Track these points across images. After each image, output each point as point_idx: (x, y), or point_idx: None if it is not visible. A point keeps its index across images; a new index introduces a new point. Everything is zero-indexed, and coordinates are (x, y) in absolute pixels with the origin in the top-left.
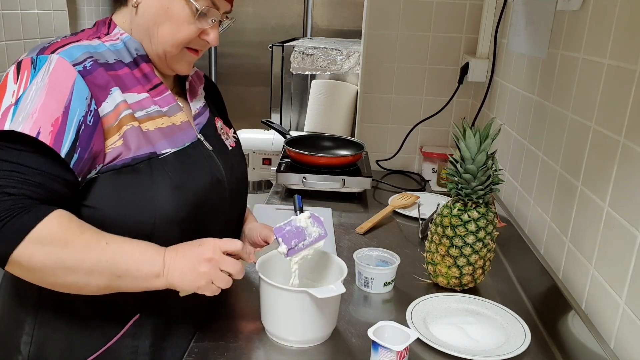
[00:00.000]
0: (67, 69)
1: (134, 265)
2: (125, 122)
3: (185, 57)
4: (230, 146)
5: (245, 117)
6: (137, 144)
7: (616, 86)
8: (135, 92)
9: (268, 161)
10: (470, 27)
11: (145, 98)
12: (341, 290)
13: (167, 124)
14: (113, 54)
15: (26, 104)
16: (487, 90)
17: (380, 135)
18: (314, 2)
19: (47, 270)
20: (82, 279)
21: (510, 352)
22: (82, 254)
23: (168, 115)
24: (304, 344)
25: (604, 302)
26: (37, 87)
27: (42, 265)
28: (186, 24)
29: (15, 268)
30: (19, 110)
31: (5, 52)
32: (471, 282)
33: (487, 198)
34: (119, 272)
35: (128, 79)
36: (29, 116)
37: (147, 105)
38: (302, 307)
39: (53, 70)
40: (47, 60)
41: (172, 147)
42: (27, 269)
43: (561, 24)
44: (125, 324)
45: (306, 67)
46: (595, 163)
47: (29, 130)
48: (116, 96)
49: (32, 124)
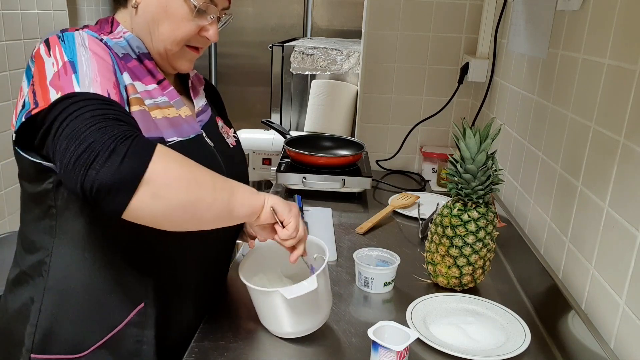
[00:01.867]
0: (98, 42)
1: (240, 184)
2: (133, 103)
3: (186, 54)
4: (232, 144)
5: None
6: (145, 127)
7: (616, 86)
8: (145, 83)
9: (268, 161)
10: (470, 27)
11: (154, 89)
12: (312, 287)
13: (174, 115)
14: (121, 49)
15: (84, 71)
16: (487, 90)
17: (380, 135)
18: (314, 2)
19: (182, 181)
20: (210, 194)
21: (510, 352)
22: (203, 170)
23: (175, 107)
24: (305, 332)
25: (604, 302)
26: (85, 57)
27: (177, 176)
28: (185, 22)
29: (149, 187)
30: (81, 77)
31: (5, 52)
32: (471, 282)
33: (487, 198)
34: (234, 188)
35: (138, 70)
36: (93, 80)
37: (155, 96)
38: (285, 304)
39: (90, 44)
40: (75, 35)
41: (179, 137)
42: (162, 183)
43: (561, 24)
44: (130, 312)
45: (306, 67)
46: (595, 163)
47: (100, 91)
48: (125, 79)
49: (100, 87)
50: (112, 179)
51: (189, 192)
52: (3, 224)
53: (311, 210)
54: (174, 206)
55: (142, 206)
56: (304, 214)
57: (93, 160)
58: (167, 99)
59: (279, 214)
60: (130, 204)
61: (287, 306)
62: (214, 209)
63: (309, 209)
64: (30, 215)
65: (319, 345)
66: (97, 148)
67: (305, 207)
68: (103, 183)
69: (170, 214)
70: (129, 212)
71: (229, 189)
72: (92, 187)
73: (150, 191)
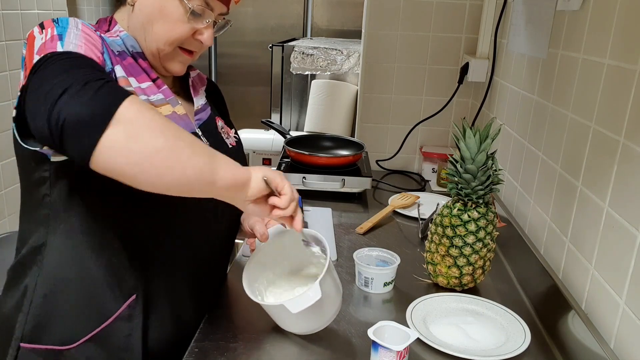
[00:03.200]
0: (92, 32)
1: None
2: None
3: (178, 57)
4: (231, 145)
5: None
6: None
7: (616, 86)
8: (140, 81)
9: (268, 161)
10: (470, 27)
11: (149, 86)
12: (317, 297)
13: (168, 112)
14: (117, 47)
15: (70, 39)
16: (487, 90)
17: (380, 135)
18: (314, 2)
19: (157, 127)
20: (187, 149)
21: (510, 352)
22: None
23: (171, 105)
24: (315, 330)
25: (604, 302)
26: (74, 33)
27: (150, 120)
28: (180, 23)
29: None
30: (66, 43)
31: (5, 52)
32: (471, 282)
33: (487, 198)
34: (212, 152)
35: (133, 68)
36: (78, 46)
37: (149, 94)
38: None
39: (82, 27)
40: (70, 19)
41: None
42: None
43: (561, 24)
44: (122, 304)
45: (306, 67)
46: (595, 163)
47: (83, 52)
48: (118, 71)
49: (83, 51)
50: (82, 111)
51: (167, 138)
52: (3, 224)
53: (311, 210)
54: (151, 150)
55: (115, 146)
56: (304, 214)
57: (63, 92)
58: (163, 97)
59: (272, 181)
60: (100, 142)
61: (292, 315)
62: (195, 163)
63: (309, 209)
64: (27, 204)
65: (319, 345)
66: (69, 81)
67: (305, 207)
68: (71, 114)
69: (147, 159)
70: (98, 155)
71: (209, 151)
72: (59, 120)
73: (125, 130)
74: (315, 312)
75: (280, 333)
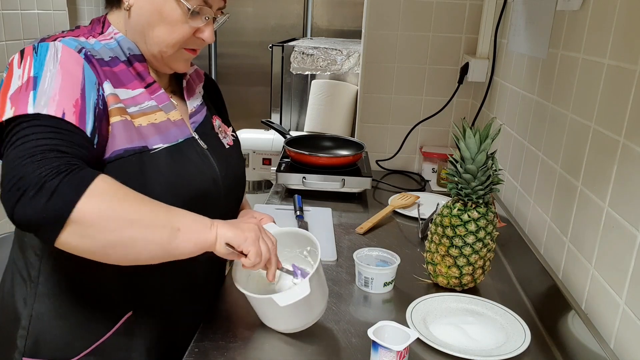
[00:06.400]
0: (73, 55)
1: (190, 217)
2: (114, 114)
3: (183, 56)
4: (228, 144)
5: (245, 117)
6: (127, 137)
7: (616, 86)
8: (131, 88)
9: (268, 161)
10: (470, 27)
11: (140, 93)
12: (305, 292)
13: (162, 119)
14: (109, 52)
15: (45, 88)
16: (487, 90)
17: (380, 135)
18: (314, 2)
19: (110, 222)
20: (144, 233)
21: (510, 352)
22: (141, 206)
23: (165, 111)
24: (301, 328)
25: (604, 302)
26: (51, 73)
27: (106, 216)
28: (180, 24)
29: (75, 226)
30: (39, 95)
31: (5, 52)
32: (471, 282)
33: (487, 198)
34: (178, 224)
35: (124, 75)
36: (51, 99)
37: (141, 101)
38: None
39: (62, 57)
40: (50, 47)
41: (165, 143)
42: (89, 224)
43: (561, 24)
44: (116, 322)
45: (306, 67)
46: (595, 163)
47: (54, 112)
48: (106, 88)
49: (55, 107)
50: (37, 217)
51: (119, 233)
52: (3, 224)
53: (311, 210)
54: (103, 246)
55: (72, 243)
56: (304, 214)
57: (21, 196)
58: (156, 103)
59: (236, 246)
60: (58, 239)
61: (280, 309)
62: (150, 249)
63: (309, 209)
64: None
65: (319, 345)
66: (25, 184)
67: (305, 207)
68: (29, 220)
69: (100, 252)
70: (60, 245)
71: (170, 226)
72: (21, 222)
73: (77, 231)
74: (301, 309)
75: (280, 333)
